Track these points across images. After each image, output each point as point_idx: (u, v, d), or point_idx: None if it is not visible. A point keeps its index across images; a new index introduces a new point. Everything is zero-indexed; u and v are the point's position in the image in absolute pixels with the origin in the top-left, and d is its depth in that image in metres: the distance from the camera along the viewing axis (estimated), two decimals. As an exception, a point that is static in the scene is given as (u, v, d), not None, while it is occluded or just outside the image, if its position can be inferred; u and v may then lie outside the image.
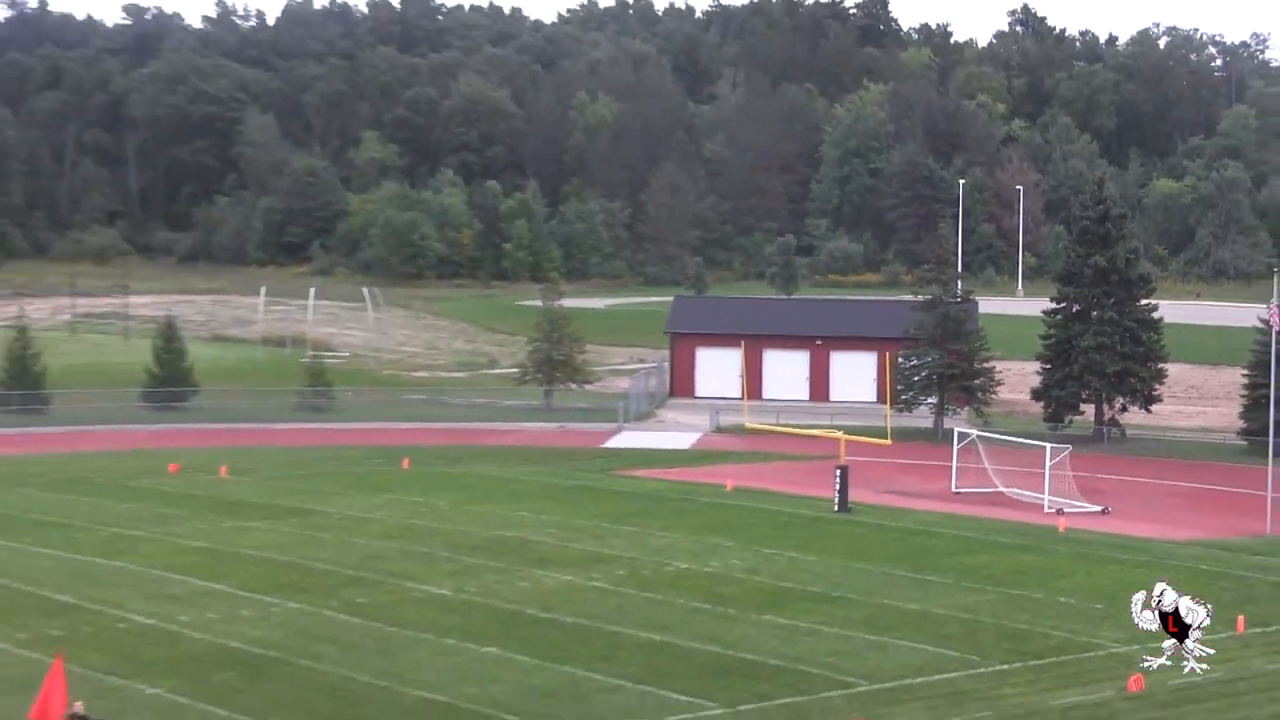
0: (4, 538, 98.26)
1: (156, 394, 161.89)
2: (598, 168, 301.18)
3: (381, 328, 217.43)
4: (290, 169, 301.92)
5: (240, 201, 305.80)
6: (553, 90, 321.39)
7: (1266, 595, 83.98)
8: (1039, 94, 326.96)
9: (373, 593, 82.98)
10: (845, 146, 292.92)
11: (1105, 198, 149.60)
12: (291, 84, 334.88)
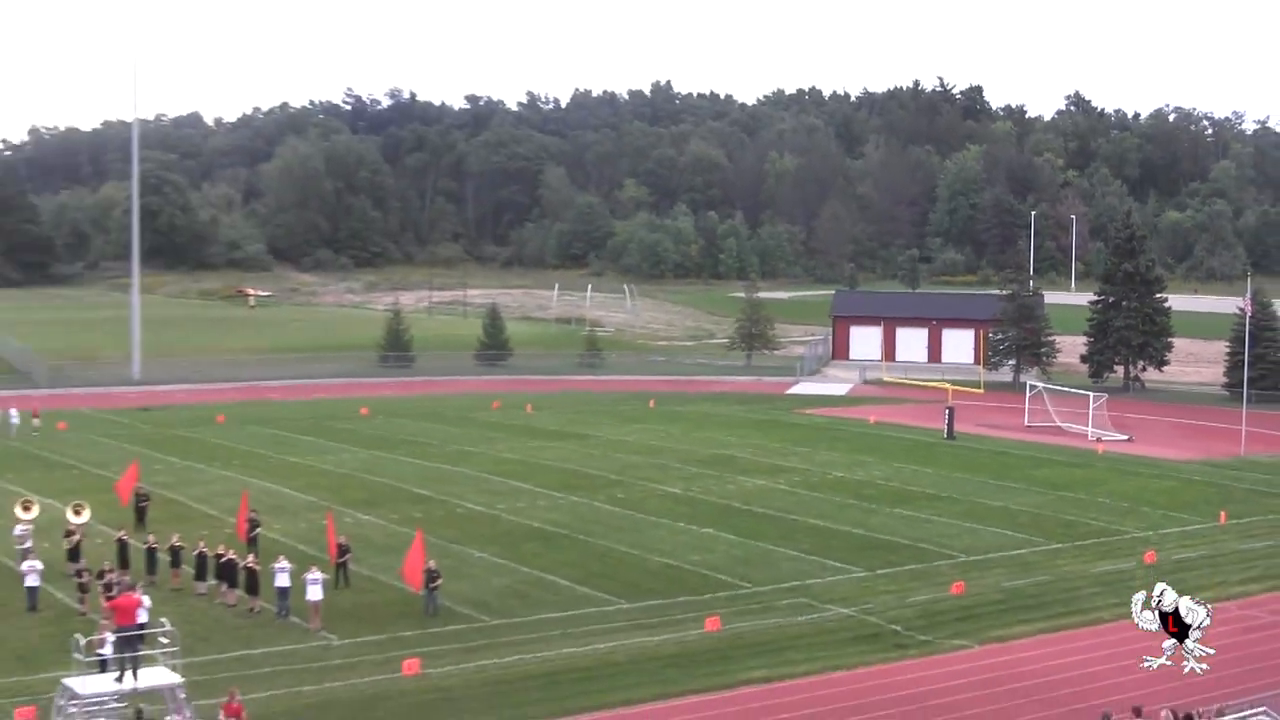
0: (383, 450, 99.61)
1: (485, 355, 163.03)
2: (783, 203, 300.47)
3: (635, 311, 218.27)
4: (575, 204, 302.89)
5: (541, 227, 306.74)
6: (753, 150, 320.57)
7: (1241, 498, 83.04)
8: (1086, 152, 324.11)
9: (628, 490, 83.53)
10: (952, 188, 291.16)
11: (1131, 224, 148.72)
12: (576, 146, 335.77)
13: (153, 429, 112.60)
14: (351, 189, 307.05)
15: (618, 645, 52.01)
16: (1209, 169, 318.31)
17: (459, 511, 77.45)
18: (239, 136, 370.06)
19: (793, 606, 57.24)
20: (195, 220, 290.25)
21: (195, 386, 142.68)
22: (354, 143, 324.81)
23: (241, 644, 51.95)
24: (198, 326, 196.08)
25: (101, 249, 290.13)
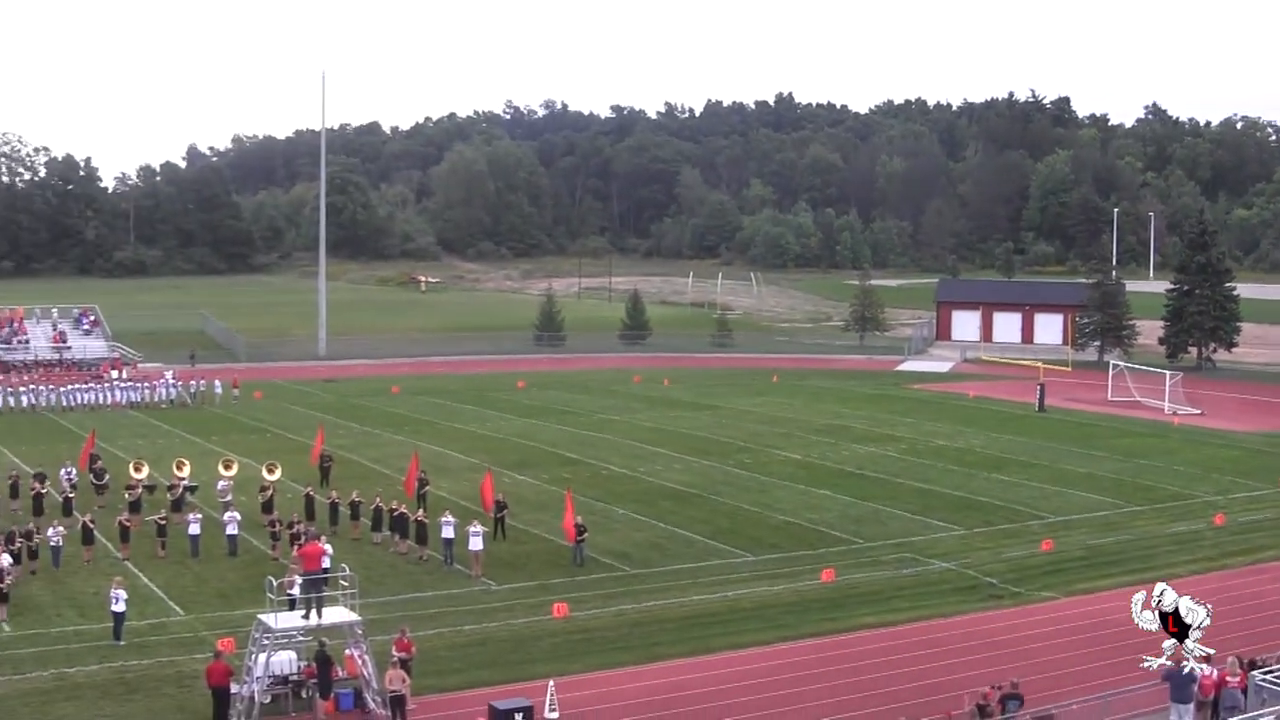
0: (537, 418, 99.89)
1: (627, 335, 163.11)
2: (892, 201, 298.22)
3: (761, 297, 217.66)
4: (707, 202, 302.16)
5: (678, 222, 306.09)
6: (865, 154, 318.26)
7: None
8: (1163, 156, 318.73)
9: (753, 456, 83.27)
10: (1043, 188, 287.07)
11: (1203, 221, 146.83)
12: (709, 150, 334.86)
13: (335, 398, 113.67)
14: (511, 188, 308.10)
15: (743, 593, 51.92)
16: (1274, 170, 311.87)
17: (603, 473, 77.57)
18: (413, 142, 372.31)
19: (899, 560, 56.91)
20: (374, 216, 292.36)
21: (373, 361, 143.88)
22: (513, 148, 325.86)
23: (412, 588, 52.34)
24: (375, 309, 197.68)
25: (293, 241, 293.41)
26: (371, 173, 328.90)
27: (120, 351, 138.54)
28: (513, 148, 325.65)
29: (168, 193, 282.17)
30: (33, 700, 40.10)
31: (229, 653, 41.34)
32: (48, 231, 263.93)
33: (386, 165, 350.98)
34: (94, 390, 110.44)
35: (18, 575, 51.12)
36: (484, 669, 43.05)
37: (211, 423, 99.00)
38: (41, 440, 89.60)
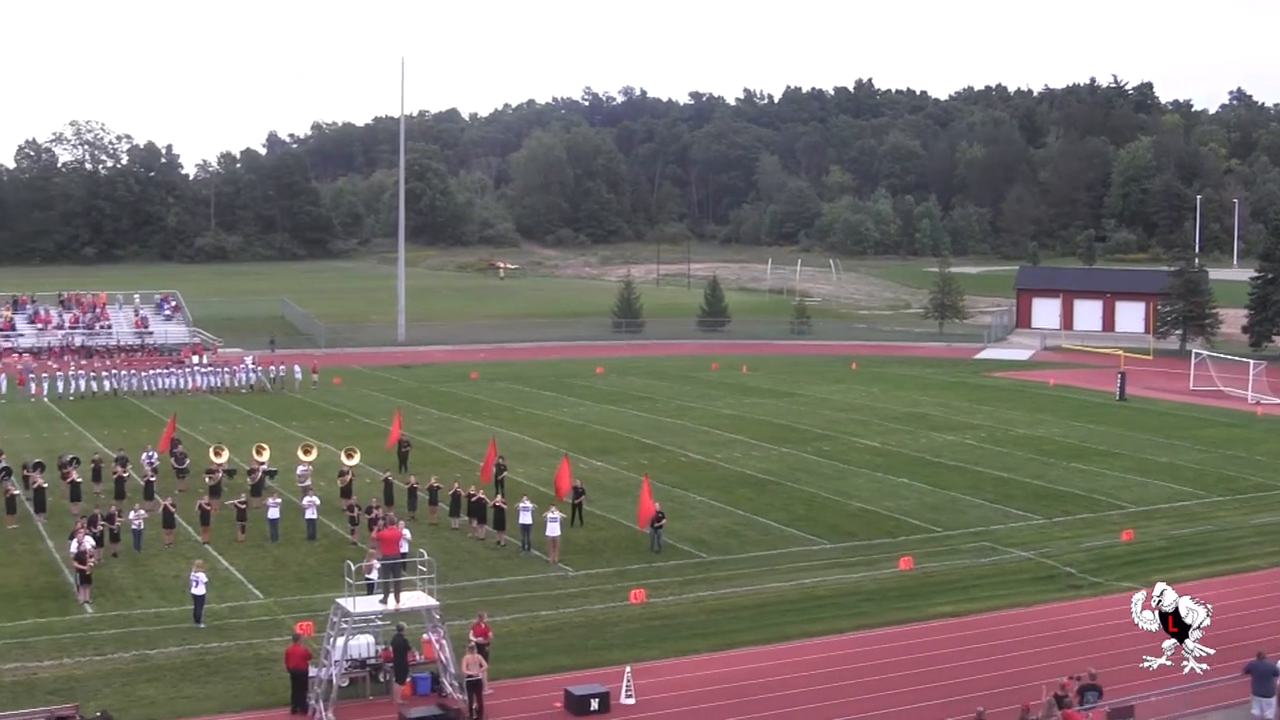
0: (615, 405, 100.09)
1: (706, 321, 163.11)
2: (972, 187, 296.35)
3: (840, 284, 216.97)
4: (786, 188, 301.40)
5: (757, 208, 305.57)
6: (945, 140, 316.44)
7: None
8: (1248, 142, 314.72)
9: (831, 443, 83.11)
10: (1125, 174, 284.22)
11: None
12: (788, 137, 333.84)
13: (414, 384, 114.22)
14: (589, 175, 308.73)
15: (820, 581, 51.87)
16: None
17: (681, 459, 77.62)
18: (491, 129, 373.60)
19: (977, 549, 56.69)
20: (453, 202, 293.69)
21: (451, 347, 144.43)
22: (591, 134, 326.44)
23: (489, 573, 52.59)
24: (454, 295, 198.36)
25: (372, 227, 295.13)
26: (450, 159, 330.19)
27: (201, 337, 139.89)
28: (591, 134, 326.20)
29: (248, 179, 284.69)
30: (114, 681, 40.60)
31: (307, 636, 41.67)
32: (130, 218, 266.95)
33: (465, 152, 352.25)
34: (175, 375, 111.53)
35: (100, 558, 51.76)
36: (560, 654, 43.23)
37: (291, 408, 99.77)
38: (123, 424, 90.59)
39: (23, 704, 37.96)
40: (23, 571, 52.65)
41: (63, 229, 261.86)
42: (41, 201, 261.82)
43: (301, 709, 38.06)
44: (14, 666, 41.85)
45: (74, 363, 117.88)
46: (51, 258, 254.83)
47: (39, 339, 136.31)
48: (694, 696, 39.52)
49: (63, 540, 53.94)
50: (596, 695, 38.23)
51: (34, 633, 45.17)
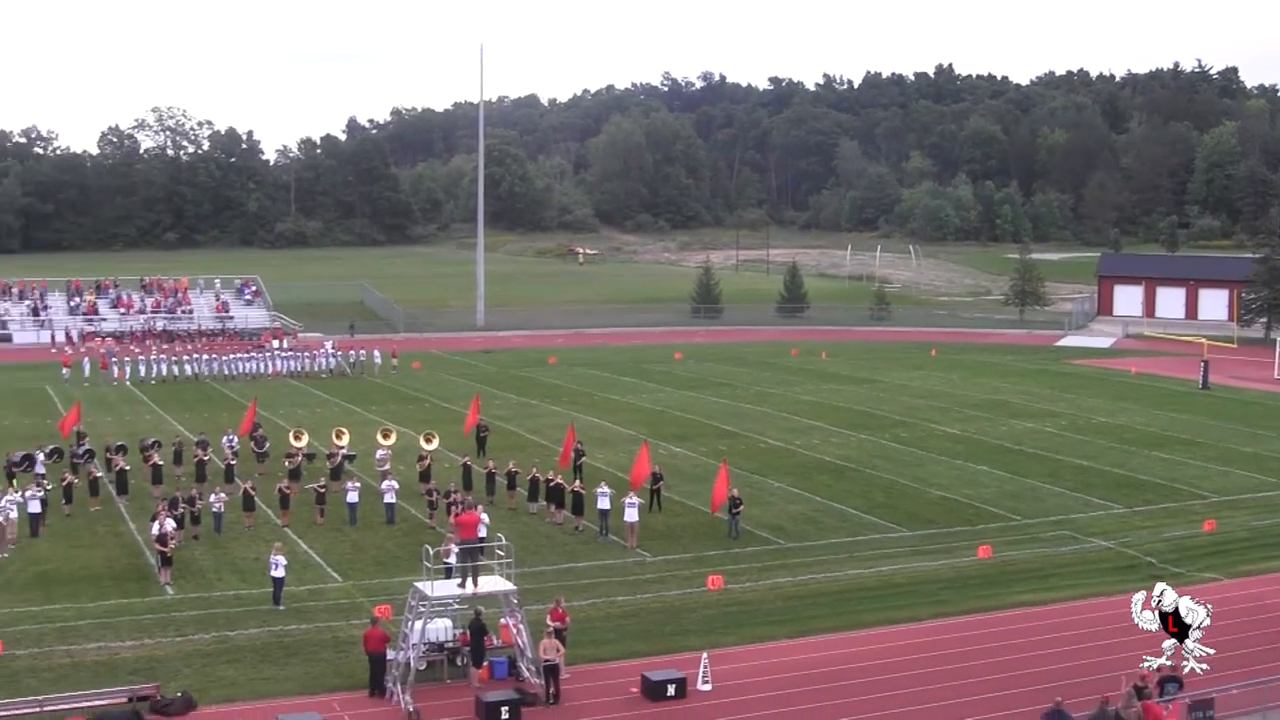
0: (694, 391, 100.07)
1: (785, 308, 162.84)
2: (1053, 173, 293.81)
3: (920, 270, 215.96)
4: (866, 174, 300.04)
5: (836, 194, 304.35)
6: (1026, 126, 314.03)
7: None
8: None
9: (910, 430, 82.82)
10: (1209, 160, 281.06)
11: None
12: (868, 122, 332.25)
13: (493, 369, 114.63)
14: (668, 160, 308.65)
15: (898, 568, 51.75)
16: None
17: (760, 446, 77.56)
18: (570, 115, 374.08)
19: (1057, 538, 56.35)
20: (532, 188, 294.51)
21: (530, 332, 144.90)
22: (671, 120, 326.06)
23: (567, 558, 52.76)
24: (533, 280, 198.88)
25: (451, 213, 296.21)
26: (529, 145, 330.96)
27: (281, 321, 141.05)
28: (670, 119, 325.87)
29: (328, 165, 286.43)
30: (195, 661, 41.03)
31: (385, 619, 41.97)
32: (211, 204, 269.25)
33: (544, 137, 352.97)
34: (255, 360, 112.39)
35: (181, 540, 52.29)
36: (637, 640, 43.33)
37: (370, 392, 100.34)
38: (204, 408, 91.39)
39: (105, 683, 38.45)
40: (105, 553, 53.28)
41: (145, 215, 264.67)
42: (124, 188, 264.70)
43: (379, 692, 38.32)
44: (96, 646, 42.37)
45: (156, 347, 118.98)
46: (134, 243, 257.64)
47: (121, 323, 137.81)
48: (771, 683, 39.52)
49: (144, 522, 54.58)
50: (673, 681, 38.30)
51: (116, 613, 45.72)
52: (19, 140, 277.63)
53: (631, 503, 54.44)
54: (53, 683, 38.87)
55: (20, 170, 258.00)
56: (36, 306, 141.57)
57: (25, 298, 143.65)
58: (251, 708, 37.38)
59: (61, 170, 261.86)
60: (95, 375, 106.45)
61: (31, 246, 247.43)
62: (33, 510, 55.88)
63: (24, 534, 55.01)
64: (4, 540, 52.49)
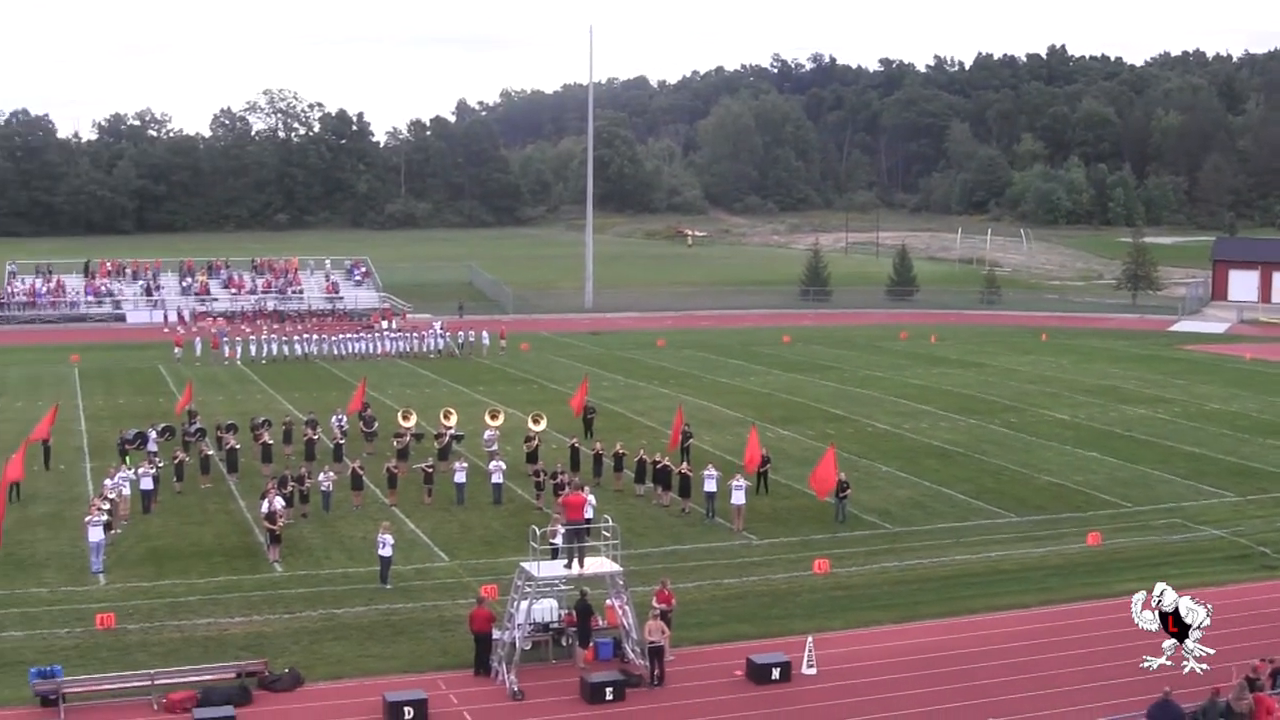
0: (801, 374, 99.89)
1: (894, 291, 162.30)
2: (1168, 155, 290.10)
3: (1030, 254, 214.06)
4: (977, 156, 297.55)
5: (947, 176, 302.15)
6: (1140, 107, 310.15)
7: None
8: None
9: (1020, 416, 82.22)
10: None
11: None
12: (979, 104, 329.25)
13: (601, 350, 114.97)
14: (778, 142, 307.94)
15: (1006, 554, 51.40)
16: None
17: (868, 430, 77.30)
18: (680, 96, 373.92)
19: (1168, 526, 55.73)
20: (641, 170, 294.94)
21: (638, 314, 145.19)
22: (780, 101, 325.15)
23: (673, 540, 52.82)
24: (641, 262, 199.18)
25: (560, 195, 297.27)
26: (638, 126, 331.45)
27: (390, 302, 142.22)
28: (780, 101, 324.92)
29: (437, 147, 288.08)
30: (302, 639, 41.47)
31: (491, 599, 42.16)
32: (321, 185, 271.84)
33: (653, 119, 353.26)
34: (364, 340, 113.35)
35: (290, 518, 52.92)
36: (743, 623, 43.31)
37: (478, 373, 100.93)
38: (314, 388, 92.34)
39: (214, 658, 38.94)
40: (215, 530, 53.97)
41: (256, 196, 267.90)
42: (236, 169, 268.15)
43: (484, 671, 38.54)
44: (207, 622, 42.94)
45: (266, 327, 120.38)
46: (245, 224, 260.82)
47: (233, 303, 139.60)
48: (876, 668, 39.39)
49: (254, 500, 55.21)
50: (778, 665, 38.27)
51: (226, 590, 46.30)
52: (134, 123, 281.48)
53: (739, 485, 54.40)
54: (163, 657, 39.41)
55: (134, 153, 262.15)
56: (150, 287, 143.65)
57: (139, 278, 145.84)
58: (357, 685, 37.72)
59: (175, 153, 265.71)
60: (206, 355, 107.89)
61: (145, 228, 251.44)
62: (145, 487, 56.76)
63: (136, 510, 55.88)
64: (117, 516, 53.27)
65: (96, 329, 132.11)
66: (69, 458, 68.12)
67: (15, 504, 55.69)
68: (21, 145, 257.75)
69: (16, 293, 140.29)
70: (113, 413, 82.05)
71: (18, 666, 38.34)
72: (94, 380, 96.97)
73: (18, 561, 49.24)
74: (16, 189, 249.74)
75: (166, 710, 35.84)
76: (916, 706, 36.53)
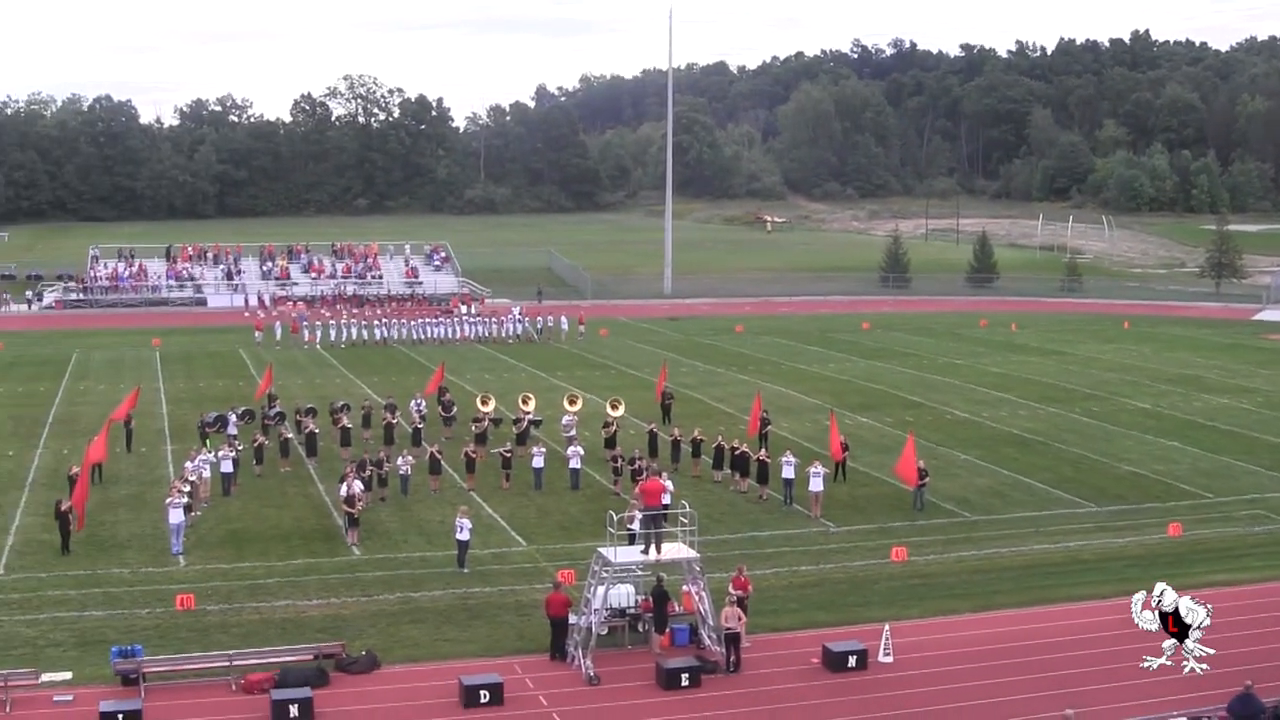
0: (880, 360, 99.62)
1: (974, 278, 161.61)
2: (1253, 142, 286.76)
3: (1113, 241, 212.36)
4: (1059, 143, 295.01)
5: (1028, 163, 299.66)
6: (1225, 93, 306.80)
7: None
8: None
9: (1100, 404, 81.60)
10: None
11: None
12: (1061, 90, 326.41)
13: (680, 336, 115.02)
14: (858, 128, 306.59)
15: (1085, 544, 51.07)
16: None
17: (946, 417, 76.98)
18: (759, 82, 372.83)
19: (1251, 517, 55.20)
20: (720, 155, 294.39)
21: (717, 300, 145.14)
22: (860, 87, 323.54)
23: (750, 527, 52.80)
24: (720, 248, 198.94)
25: (639, 180, 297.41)
26: (718, 112, 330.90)
27: (469, 287, 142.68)
28: (860, 87, 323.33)
29: (517, 132, 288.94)
30: (379, 621, 41.71)
31: (568, 584, 42.31)
32: (401, 170, 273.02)
33: (733, 104, 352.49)
34: (443, 324, 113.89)
35: (368, 501, 53.21)
36: (819, 610, 43.23)
37: (557, 358, 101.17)
38: (392, 372, 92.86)
39: (292, 640, 39.24)
40: (294, 513, 54.38)
41: (336, 181, 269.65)
42: (316, 154, 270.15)
43: (560, 656, 38.62)
44: (285, 604, 43.29)
45: (346, 311, 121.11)
46: (325, 209, 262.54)
47: (313, 288, 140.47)
48: (953, 657, 39.20)
49: (333, 484, 55.60)
50: (855, 652, 38.17)
51: (304, 572, 46.66)
52: (215, 109, 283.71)
53: (817, 472, 54.27)
54: (242, 638, 39.77)
55: (216, 138, 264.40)
56: (230, 271, 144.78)
57: (220, 262, 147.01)
58: (433, 668, 37.88)
59: (256, 138, 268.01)
60: (286, 339, 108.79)
61: (226, 212, 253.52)
62: (225, 470, 57.27)
63: (216, 493, 56.40)
64: (198, 499, 53.75)
65: (178, 313, 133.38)
66: (150, 440, 68.83)
67: (98, 485, 56.39)
68: (105, 131, 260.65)
69: (99, 276, 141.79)
70: (193, 396, 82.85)
71: (100, 645, 38.82)
72: (175, 363, 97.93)
73: (100, 542, 49.83)
74: (100, 174, 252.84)
75: (244, 691, 36.15)
76: (993, 696, 36.36)
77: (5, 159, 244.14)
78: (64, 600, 43.71)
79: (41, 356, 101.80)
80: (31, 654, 38.60)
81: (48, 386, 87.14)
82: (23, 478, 60.76)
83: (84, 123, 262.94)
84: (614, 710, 35.44)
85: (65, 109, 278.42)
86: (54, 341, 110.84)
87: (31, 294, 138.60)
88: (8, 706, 34.93)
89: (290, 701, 34.46)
